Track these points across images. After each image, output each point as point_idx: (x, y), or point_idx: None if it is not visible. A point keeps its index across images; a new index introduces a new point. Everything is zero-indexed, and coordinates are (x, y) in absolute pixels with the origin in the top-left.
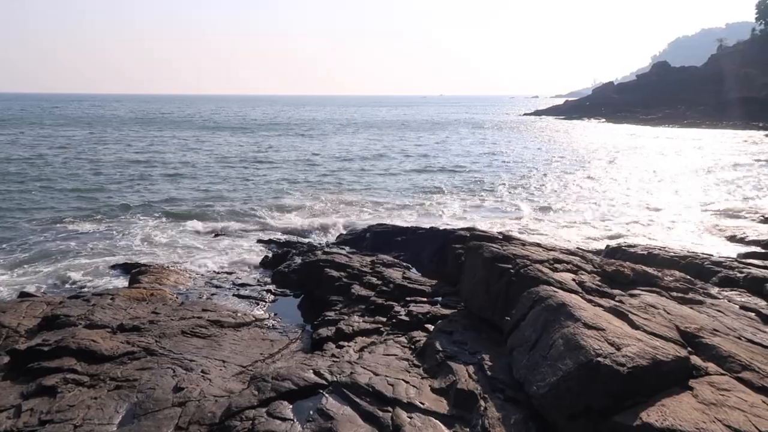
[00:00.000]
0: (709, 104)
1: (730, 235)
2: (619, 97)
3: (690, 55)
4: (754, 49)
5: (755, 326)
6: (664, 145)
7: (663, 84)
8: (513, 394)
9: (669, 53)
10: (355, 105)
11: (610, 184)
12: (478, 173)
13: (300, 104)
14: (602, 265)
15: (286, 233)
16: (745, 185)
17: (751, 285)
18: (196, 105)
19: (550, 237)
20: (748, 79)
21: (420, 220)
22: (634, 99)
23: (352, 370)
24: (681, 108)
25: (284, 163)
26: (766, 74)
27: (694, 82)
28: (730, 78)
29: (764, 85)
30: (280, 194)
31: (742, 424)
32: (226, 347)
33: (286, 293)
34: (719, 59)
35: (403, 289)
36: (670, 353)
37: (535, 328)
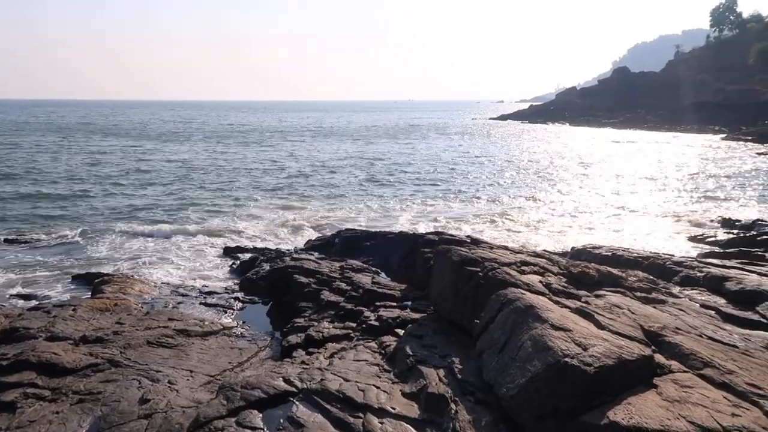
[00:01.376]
0: (668, 108)
1: (691, 236)
2: (581, 102)
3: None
4: (708, 55)
5: (715, 324)
6: (625, 149)
7: (623, 89)
8: (483, 396)
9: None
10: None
11: (575, 186)
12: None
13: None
14: (568, 267)
15: (253, 240)
16: (703, 188)
17: (711, 284)
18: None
19: (517, 239)
20: (703, 84)
21: (388, 224)
22: (596, 103)
23: (323, 377)
24: (641, 112)
25: (252, 170)
26: (721, 80)
27: (652, 87)
28: (686, 83)
29: (719, 91)
30: (247, 202)
31: (704, 420)
32: (194, 357)
33: (255, 300)
34: (676, 65)
35: (372, 294)
36: (635, 352)
37: (504, 330)
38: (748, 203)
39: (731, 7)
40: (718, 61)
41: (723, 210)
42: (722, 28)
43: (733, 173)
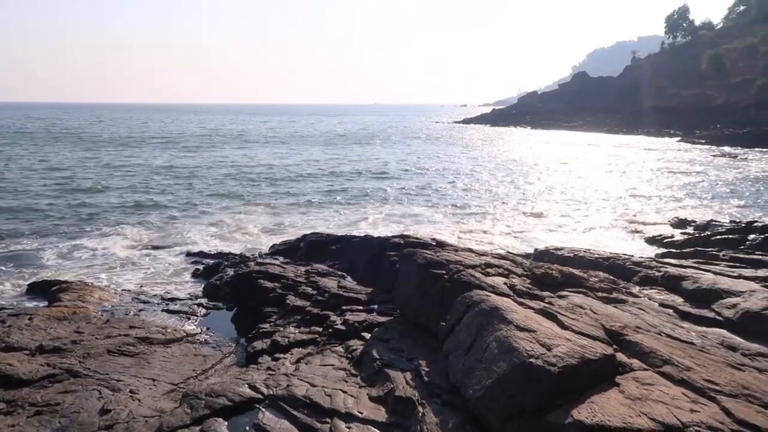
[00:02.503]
0: (626, 112)
1: (649, 237)
2: (543, 106)
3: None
4: (663, 60)
5: (674, 322)
6: (586, 152)
7: (583, 93)
8: (450, 398)
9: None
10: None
11: (537, 189)
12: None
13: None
14: (531, 268)
15: (217, 245)
16: (660, 189)
17: (668, 283)
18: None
19: (482, 242)
20: (659, 89)
21: (354, 228)
22: (557, 107)
23: (289, 383)
24: (600, 116)
25: (214, 175)
26: (676, 85)
27: (611, 92)
28: (643, 88)
29: (674, 95)
30: (210, 207)
31: (665, 416)
32: (156, 365)
33: (219, 306)
34: (633, 70)
35: (338, 298)
36: (598, 352)
37: (470, 332)
38: (702, 204)
39: (684, 15)
40: (672, 67)
41: (679, 211)
42: (676, 34)
43: (688, 175)
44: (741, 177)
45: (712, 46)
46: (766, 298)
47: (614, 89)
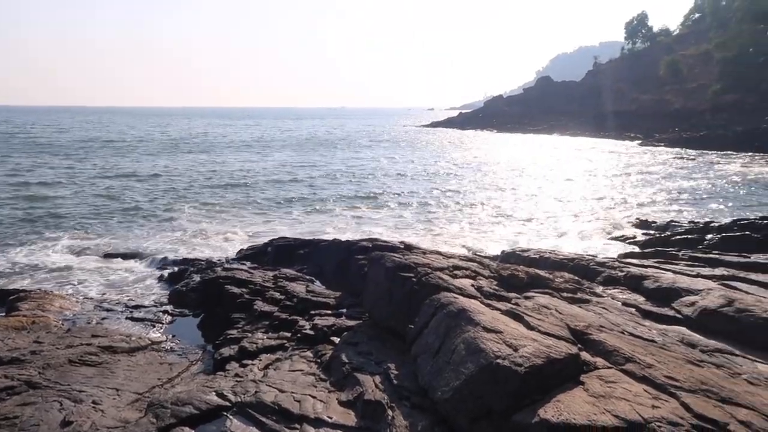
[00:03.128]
0: (588, 116)
1: (612, 237)
2: (508, 109)
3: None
4: (624, 65)
5: (636, 321)
6: (550, 154)
7: (547, 97)
8: (419, 401)
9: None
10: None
11: (503, 191)
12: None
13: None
14: (498, 270)
15: (182, 251)
16: (622, 191)
17: (631, 283)
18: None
19: (450, 244)
20: (620, 93)
21: (322, 232)
22: (522, 111)
23: (257, 389)
24: (564, 119)
25: (177, 179)
26: (636, 89)
27: (574, 96)
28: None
29: (634, 100)
30: (173, 212)
31: (627, 413)
32: (120, 374)
33: (185, 313)
34: (595, 75)
35: (307, 302)
36: (563, 351)
37: (438, 334)
38: (663, 205)
39: (643, 21)
40: (632, 72)
41: (641, 212)
42: (635, 40)
43: (648, 177)
44: (698, 179)
45: (670, 52)
46: (723, 296)
47: (577, 93)
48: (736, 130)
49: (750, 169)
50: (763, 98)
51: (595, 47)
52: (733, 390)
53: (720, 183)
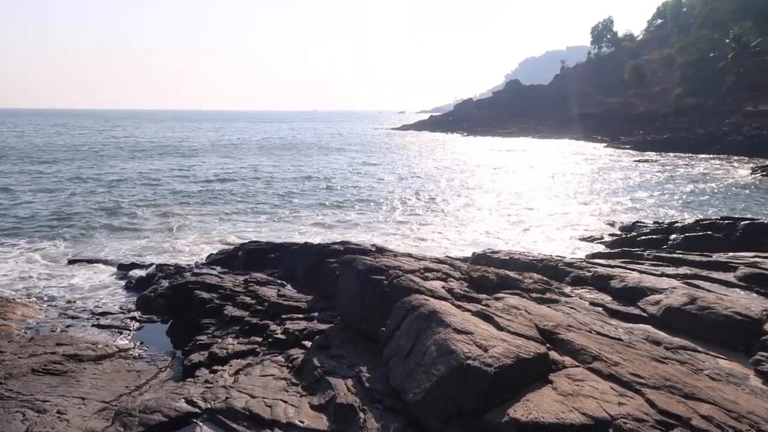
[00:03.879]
0: (556, 119)
1: (579, 238)
2: (478, 113)
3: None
4: (590, 70)
5: (603, 320)
6: (520, 157)
7: (516, 100)
8: (391, 403)
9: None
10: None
11: (474, 194)
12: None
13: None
14: (469, 272)
15: (150, 256)
16: (589, 193)
17: (598, 282)
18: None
19: (421, 247)
20: (586, 97)
21: (293, 236)
22: (492, 114)
23: (228, 395)
24: (532, 122)
25: (144, 184)
26: (602, 93)
27: (542, 99)
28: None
29: (600, 103)
30: (139, 217)
31: (594, 411)
32: (86, 383)
33: (153, 319)
34: (562, 79)
35: (278, 307)
36: (532, 351)
37: (409, 336)
38: (629, 206)
39: (608, 27)
40: (598, 76)
41: (607, 213)
42: (601, 45)
43: (615, 179)
44: (662, 180)
45: (634, 57)
46: (686, 295)
47: (545, 97)
48: (698, 133)
49: (711, 171)
50: (723, 102)
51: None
52: (695, 386)
53: (683, 184)
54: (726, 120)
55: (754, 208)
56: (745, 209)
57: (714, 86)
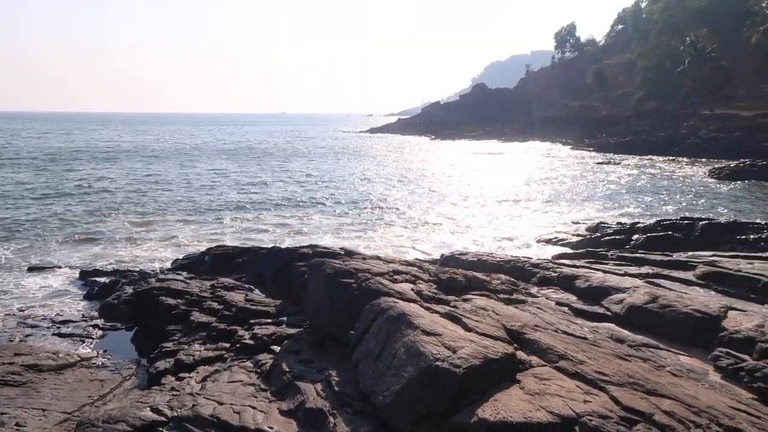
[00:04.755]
0: (521, 122)
1: (546, 239)
2: (445, 115)
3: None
4: (554, 74)
5: (568, 319)
6: (487, 159)
7: (482, 103)
8: (361, 406)
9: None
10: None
11: (441, 196)
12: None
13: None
14: (438, 274)
15: (113, 262)
16: (555, 194)
17: (563, 283)
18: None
19: (390, 249)
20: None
21: (260, 240)
22: (459, 117)
23: (195, 402)
24: (498, 125)
25: (105, 189)
26: (565, 96)
27: (507, 102)
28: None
29: (564, 106)
30: (102, 223)
31: (561, 409)
32: (46, 393)
33: (117, 327)
34: (527, 82)
35: (246, 311)
36: (499, 351)
37: (379, 339)
38: (593, 207)
39: (571, 32)
40: (562, 80)
41: (573, 214)
42: (564, 50)
43: (579, 181)
44: (625, 182)
45: (597, 61)
46: (648, 293)
47: (511, 100)
48: (658, 135)
49: (671, 172)
50: (681, 105)
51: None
52: (657, 382)
53: (645, 186)
54: (684, 123)
55: (712, 209)
56: (703, 209)
57: (673, 90)
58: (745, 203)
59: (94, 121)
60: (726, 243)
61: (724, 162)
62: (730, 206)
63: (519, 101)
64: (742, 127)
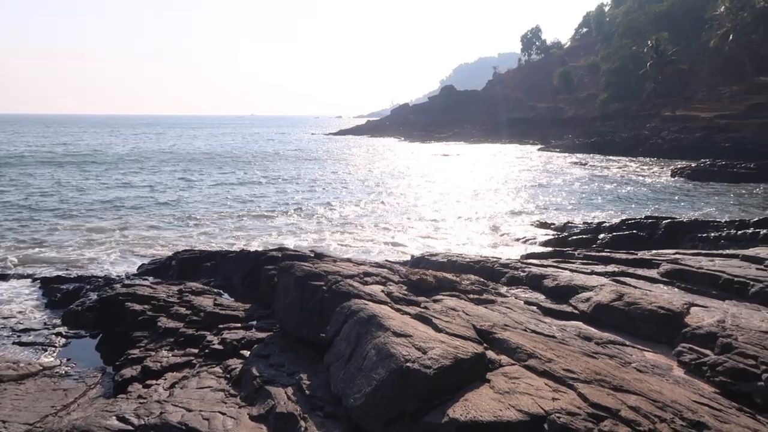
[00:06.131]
0: (490, 123)
1: (514, 239)
2: (414, 117)
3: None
4: (521, 75)
5: (537, 318)
6: (456, 161)
7: (451, 105)
8: (332, 409)
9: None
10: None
11: (412, 198)
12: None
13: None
14: (408, 275)
15: (76, 268)
16: (525, 195)
17: (532, 282)
18: None
19: (361, 252)
20: (518, 101)
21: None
22: (428, 119)
23: (162, 410)
24: (467, 127)
25: (62, 194)
26: (532, 98)
27: (476, 104)
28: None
29: (531, 108)
30: (60, 229)
31: (530, 407)
32: (7, 405)
33: (81, 334)
34: (495, 84)
35: (215, 316)
36: (469, 351)
37: (350, 341)
38: (560, 207)
39: (537, 35)
40: (529, 81)
41: (541, 214)
42: (531, 52)
43: (547, 181)
44: (591, 182)
45: (562, 64)
46: (614, 291)
47: (479, 102)
48: (622, 136)
49: (635, 173)
50: (644, 107)
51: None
52: (624, 378)
53: (610, 186)
54: (647, 124)
55: (674, 208)
56: (667, 209)
57: (636, 92)
58: (705, 202)
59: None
60: (688, 241)
61: (685, 162)
62: (692, 205)
63: (487, 103)
64: (702, 128)
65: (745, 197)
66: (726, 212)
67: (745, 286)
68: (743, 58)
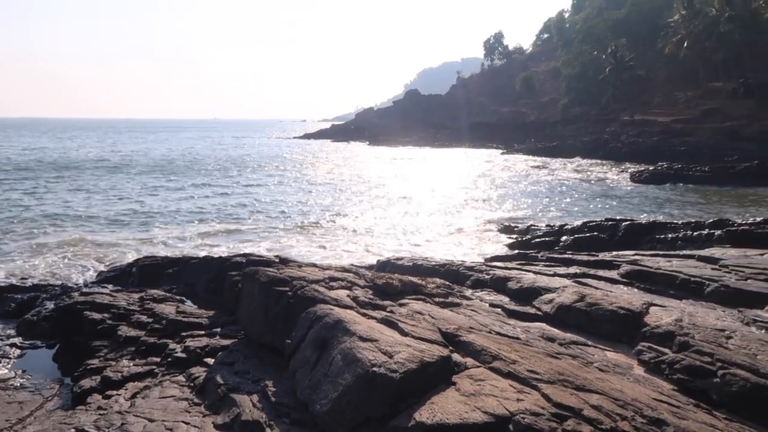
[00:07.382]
0: (454, 128)
1: (479, 242)
2: (379, 121)
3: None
4: (484, 80)
5: (502, 320)
6: (421, 165)
7: (415, 109)
8: (298, 416)
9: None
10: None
11: (377, 202)
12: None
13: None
14: (374, 279)
15: (30, 278)
16: (488, 198)
17: (497, 285)
18: None
19: (326, 256)
20: (482, 106)
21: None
22: (393, 123)
23: (123, 421)
24: (432, 131)
25: (14, 199)
26: (495, 103)
27: (440, 108)
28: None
29: (494, 112)
30: (10, 237)
31: (495, 408)
32: None
33: (37, 345)
34: (458, 89)
35: (177, 324)
36: (435, 354)
37: (315, 347)
38: (523, 210)
39: (499, 40)
40: (492, 86)
41: (504, 217)
42: (493, 57)
43: (510, 185)
44: (553, 185)
45: (524, 69)
46: (576, 293)
47: (443, 106)
48: (583, 140)
49: (596, 176)
50: (603, 111)
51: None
52: (586, 378)
53: (572, 188)
54: (607, 128)
55: (633, 210)
56: (626, 211)
57: (596, 97)
58: (663, 204)
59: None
60: (646, 242)
61: (643, 165)
62: (650, 207)
63: (451, 107)
64: (659, 132)
65: (700, 199)
66: (683, 214)
67: (701, 285)
68: (697, 64)
